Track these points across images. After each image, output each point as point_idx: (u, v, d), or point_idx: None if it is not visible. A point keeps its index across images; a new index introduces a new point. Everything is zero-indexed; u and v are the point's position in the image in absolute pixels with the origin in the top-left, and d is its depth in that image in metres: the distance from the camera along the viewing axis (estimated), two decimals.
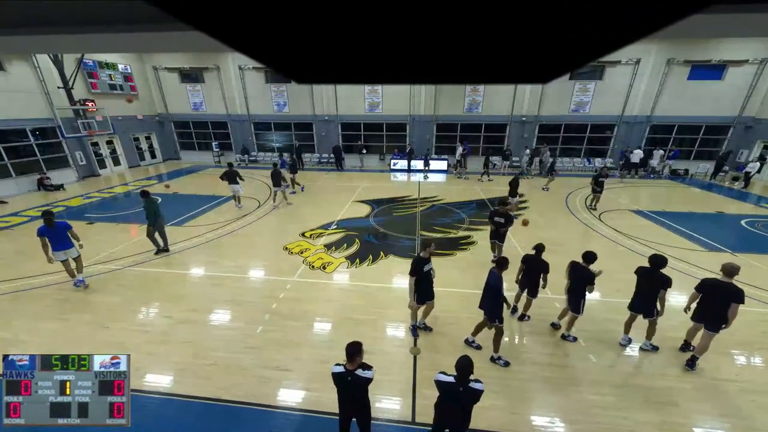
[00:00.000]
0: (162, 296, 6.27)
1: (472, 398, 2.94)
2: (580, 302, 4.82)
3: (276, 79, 18.57)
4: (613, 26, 0.24)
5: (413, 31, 0.27)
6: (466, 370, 2.91)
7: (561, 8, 0.23)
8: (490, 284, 4.47)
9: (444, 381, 2.99)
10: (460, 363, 2.95)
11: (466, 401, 2.96)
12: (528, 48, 0.27)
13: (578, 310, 4.86)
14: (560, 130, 17.93)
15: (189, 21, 0.27)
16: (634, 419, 3.87)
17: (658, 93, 16.42)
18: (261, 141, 20.56)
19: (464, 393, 2.93)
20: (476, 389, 2.91)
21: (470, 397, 2.93)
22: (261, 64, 0.35)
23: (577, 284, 4.79)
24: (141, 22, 2.50)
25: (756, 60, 15.27)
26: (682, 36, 2.25)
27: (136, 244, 8.57)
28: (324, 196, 13.40)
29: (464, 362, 2.93)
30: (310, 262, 7.58)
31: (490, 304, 4.47)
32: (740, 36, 2.74)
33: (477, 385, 2.92)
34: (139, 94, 18.98)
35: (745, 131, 16.64)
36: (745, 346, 5.03)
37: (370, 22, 0.26)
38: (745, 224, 10.13)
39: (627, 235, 9.09)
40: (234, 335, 5.23)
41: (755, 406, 4.05)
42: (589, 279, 4.67)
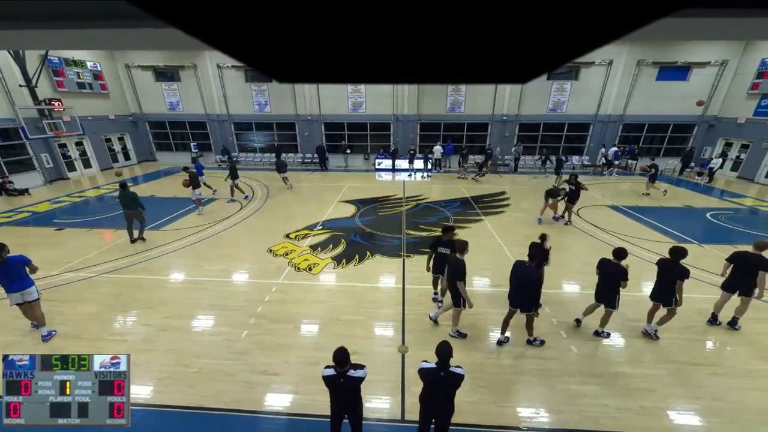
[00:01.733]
0: (142, 303, 6.02)
1: (454, 383, 3.01)
2: (616, 298, 4.87)
3: (256, 78, 18.18)
4: (588, 28, 0.25)
5: (396, 31, 0.27)
6: (444, 354, 2.98)
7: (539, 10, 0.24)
8: (532, 279, 4.57)
9: (426, 368, 3.07)
10: (439, 348, 3.01)
11: (449, 387, 3.03)
12: (507, 49, 0.28)
13: (614, 305, 4.91)
14: (539, 129, 18.47)
15: (163, 17, 0.26)
16: (615, 406, 4.04)
17: (630, 93, 17.20)
18: (242, 141, 20.08)
19: (446, 378, 3.00)
20: (457, 373, 2.99)
21: (452, 381, 3.00)
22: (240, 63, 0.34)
23: (610, 280, 4.85)
24: (111, 18, 2.39)
25: (717, 62, 16.26)
26: (652, 38, 2.37)
27: (113, 249, 8.19)
28: (309, 196, 13.24)
29: (443, 347, 3.00)
30: (295, 263, 7.47)
31: (531, 297, 4.62)
32: (703, 39, 2.93)
33: (458, 369, 3.00)
34: (111, 93, 18.13)
35: (708, 129, 17.70)
36: (711, 333, 5.34)
37: (351, 21, 0.26)
38: (710, 217, 10.76)
39: (604, 230, 9.47)
40: (219, 341, 5.09)
41: (724, 387, 4.31)
42: (623, 274, 4.75)
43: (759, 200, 12.87)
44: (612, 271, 4.84)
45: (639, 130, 18.16)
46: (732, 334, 5.28)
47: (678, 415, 3.95)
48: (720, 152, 16.87)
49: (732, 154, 16.82)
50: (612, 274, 4.83)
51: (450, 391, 3.06)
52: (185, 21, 0.27)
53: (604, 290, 4.96)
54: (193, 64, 17.91)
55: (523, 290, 4.68)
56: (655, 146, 18.34)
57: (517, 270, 4.78)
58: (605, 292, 4.96)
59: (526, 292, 4.66)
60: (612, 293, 4.89)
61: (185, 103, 19.03)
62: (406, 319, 5.61)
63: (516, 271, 4.79)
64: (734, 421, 3.85)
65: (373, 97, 18.19)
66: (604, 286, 4.97)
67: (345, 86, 17.59)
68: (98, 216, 10.71)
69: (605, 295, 4.96)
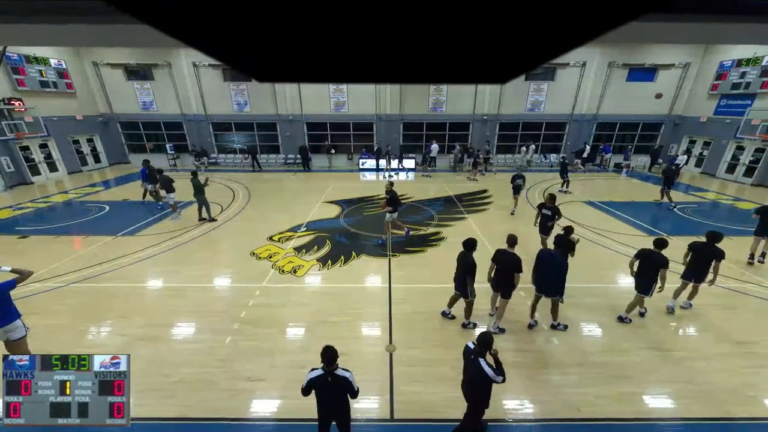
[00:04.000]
0: (116, 313, 5.74)
1: (478, 374, 3.17)
2: (652, 285, 5.20)
3: (235, 77, 17.71)
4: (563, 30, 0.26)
5: (378, 30, 0.27)
6: (483, 342, 3.21)
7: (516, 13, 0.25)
8: (556, 265, 4.93)
9: (469, 347, 3.37)
10: (481, 335, 3.26)
11: (473, 375, 3.21)
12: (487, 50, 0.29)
13: (648, 293, 5.25)
14: (519, 128, 18.97)
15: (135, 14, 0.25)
16: (594, 393, 4.21)
17: (602, 93, 17.96)
18: (221, 142, 19.51)
19: (474, 364, 3.19)
20: (483, 368, 3.15)
21: (477, 372, 3.17)
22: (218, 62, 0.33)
23: (651, 269, 5.14)
24: (77, 14, 2.26)
25: (681, 64, 17.24)
26: (621, 40, 2.49)
27: (83, 257, 7.76)
28: (292, 197, 13.04)
29: (485, 338, 3.22)
30: (279, 266, 7.34)
31: (556, 283, 4.97)
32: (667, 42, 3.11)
33: (486, 367, 3.15)
34: (78, 92, 17.18)
35: (674, 128, 18.74)
36: (681, 319, 5.66)
37: (333, 20, 0.26)
38: (677, 210, 11.39)
39: (580, 225, 9.83)
40: (200, 348, 4.93)
41: (695, 371, 4.57)
42: (664, 263, 5.05)
43: (720, 194, 13.73)
44: (655, 261, 5.12)
45: (612, 128, 18.99)
46: (697, 320, 5.61)
47: (652, 399, 4.15)
48: (684, 149, 17.91)
49: (696, 150, 17.87)
50: (653, 263, 5.13)
51: (474, 380, 3.23)
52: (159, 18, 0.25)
53: (641, 278, 5.26)
54: (168, 62, 17.23)
55: (548, 277, 5.04)
56: (626, 144, 19.23)
57: (542, 258, 5.16)
58: (642, 280, 5.26)
59: (550, 278, 5.02)
60: (649, 281, 5.20)
61: (159, 102, 18.28)
62: (393, 318, 5.63)
63: (541, 259, 5.15)
64: (704, 402, 4.09)
65: (356, 96, 18.11)
66: (641, 274, 5.26)
67: (327, 86, 17.42)
68: (66, 222, 10.13)
69: (642, 282, 5.27)
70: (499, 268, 5.13)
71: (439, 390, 4.24)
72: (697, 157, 17.78)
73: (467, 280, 5.00)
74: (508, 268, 4.95)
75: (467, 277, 4.99)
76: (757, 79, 14.71)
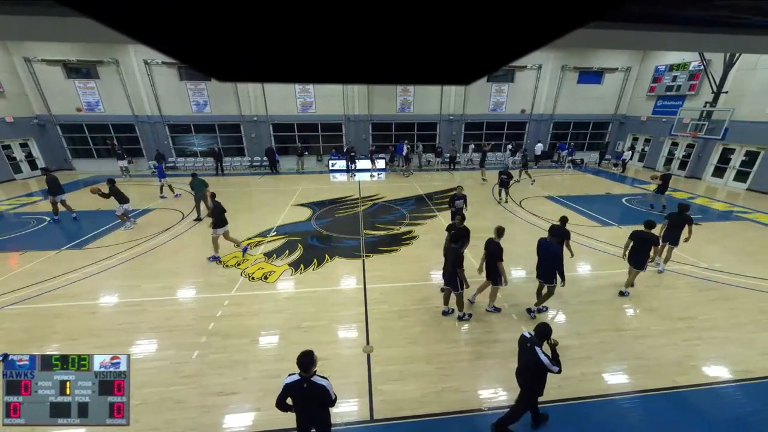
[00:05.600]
0: (63, 335, 5.21)
1: (534, 362, 3.25)
2: (646, 261, 5.95)
3: (192, 76, 16.73)
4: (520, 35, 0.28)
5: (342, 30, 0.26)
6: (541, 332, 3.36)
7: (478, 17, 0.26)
8: (553, 251, 5.25)
9: (525, 336, 3.48)
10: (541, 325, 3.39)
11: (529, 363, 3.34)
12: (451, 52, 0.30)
13: (643, 267, 6.01)
14: (483, 127, 19.75)
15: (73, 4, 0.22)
16: (560, 377, 4.47)
17: (557, 94, 19.22)
18: (179, 145, 18.34)
19: (530, 353, 3.26)
20: (539, 357, 3.23)
21: (533, 360, 3.26)
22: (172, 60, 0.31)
23: (643, 246, 5.86)
24: (4, 3, 2.01)
25: (623, 68, 18.91)
26: (572, 45, 2.68)
27: (20, 275, 6.94)
28: (260, 201, 12.58)
29: (545, 328, 3.36)
30: (249, 273, 7.05)
31: (552, 270, 5.26)
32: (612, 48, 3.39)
33: (543, 357, 3.24)
34: (6, 91, 15.33)
35: (620, 126, 20.52)
36: (633, 301, 6.20)
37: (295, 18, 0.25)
38: (626, 202, 12.46)
39: (543, 218, 10.45)
40: (164, 366, 4.61)
41: (645, 347, 5.03)
42: (654, 240, 5.81)
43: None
44: (644, 238, 5.87)
45: (566, 127, 20.37)
46: (642, 301, 6.17)
47: (611, 377, 4.51)
48: (629, 146, 19.66)
49: (638, 147, 19.67)
50: (644, 240, 5.87)
51: (529, 368, 3.33)
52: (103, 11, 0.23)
53: (635, 254, 5.99)
54: (114, 59, 15.88)
55: (545, 264, 5.35)
56: (579, 141, 20.72)
57: (540, 246, 5.45)
58: (635, 257, 5.99)
59: (547, 265, 5.32)
60: (643, 257, 5.95)
61: (107, 103, 16.80)
62: (369, 318, 5.62)
63: (540, 246, 5.45)
64: (655, 375, 4.51)
65: (323, 97, 17.85)
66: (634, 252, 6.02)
67: (292, 86, 16.99)
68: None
69: (635, 258, 6.01)
70: (487, 258, 5.49)
71: (418, 386, 4.30)
72: (640, 152, 19.57)
73: (458, 273, 5.13)
74: (491, 255, 5.36)
75: (458, 270, 5.11)
76: (686, 82, 16.49)
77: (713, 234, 9.24)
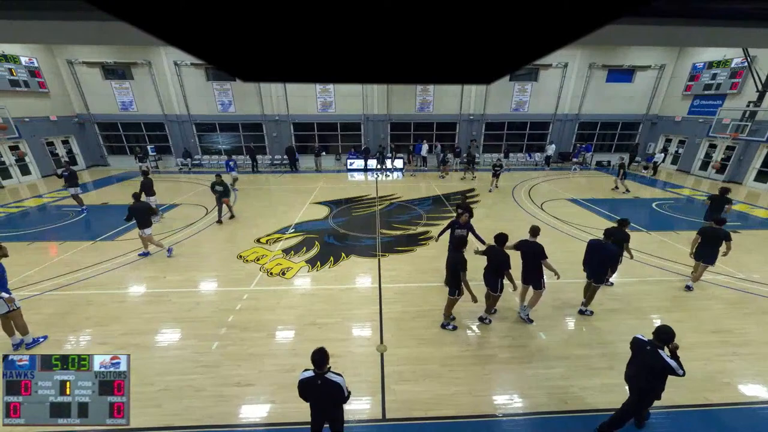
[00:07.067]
0: (95, 321, 5.54)
1: (658, 365, 3.25)
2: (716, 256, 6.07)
3: (218, 77, 17.34)
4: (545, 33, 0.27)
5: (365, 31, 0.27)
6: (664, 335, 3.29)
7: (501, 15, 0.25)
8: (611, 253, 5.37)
9: (641, 339, 3.52)
10: (663, 327, 3.33)
11: (650, 366, 3.32)
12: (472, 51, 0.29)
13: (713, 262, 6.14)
14: (504, 127, 19.30)
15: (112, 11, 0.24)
16: (579, 385, 4.32)
17: (584, 93, 18.47)
18: (205, 143, 19.07)
19: (652, 355, 3.31)
20: (665, 360, 3.22)
21: (656, 363, 3.26)
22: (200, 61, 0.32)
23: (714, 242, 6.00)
24: (50, 9, 2.16)
25: (657, 66, 17.92)
26: (600, 43, 2.57)
27: (58, 264, 7.44)
28: (279, 198, 12.87)
29: (667, 332, 3.30)
30: (267, 269, 7.23)
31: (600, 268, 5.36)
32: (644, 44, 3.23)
33: (669, 360, 3.23)
34: (51, 91, 16.45)
35: (651, 127, 19.47)
36: (660, 311, 5.87)
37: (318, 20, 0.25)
38: (656, 206, 11.83)
39: (564, 222, 10.09)
40: (185, 355, 4.81)
41: None
42: (726, 236, 5.89)
43: (695, 190, 14.34)
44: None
45: (593, 128, 19.55)
46: (671, 312, 5.81)
47: None
48: (661, 147, 18.62)
49: (672, 148, 18.60)
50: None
51: (647, 367, 3.31)
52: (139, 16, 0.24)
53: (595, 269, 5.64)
54: (147, 61, 16.71)
55: (600, 264, 5.39)
56: (607, 143, 19.84)
57: (594, 248, 5.55)
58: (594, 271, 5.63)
59: (601, 265, 5.37)
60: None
61: (139, 102, 17.72)
62: (383, 317, 5.63)
63: (593, 248, 5.55)
64: (684, 390, 4.25)
65: (343, 96, 18.03)
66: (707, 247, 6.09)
67: (313, 85, 17.27)
68: (40, 228, 9.69)
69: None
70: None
71: (430, 388, 4.26)
72: (673, 155, 18.51)
73: (461, 276, 4.92)
74: (534, 255, 5.22)
75: (461, 273, 4.91)
76: (727, 80, 15.42)
77: (753, 243, 8.61)
